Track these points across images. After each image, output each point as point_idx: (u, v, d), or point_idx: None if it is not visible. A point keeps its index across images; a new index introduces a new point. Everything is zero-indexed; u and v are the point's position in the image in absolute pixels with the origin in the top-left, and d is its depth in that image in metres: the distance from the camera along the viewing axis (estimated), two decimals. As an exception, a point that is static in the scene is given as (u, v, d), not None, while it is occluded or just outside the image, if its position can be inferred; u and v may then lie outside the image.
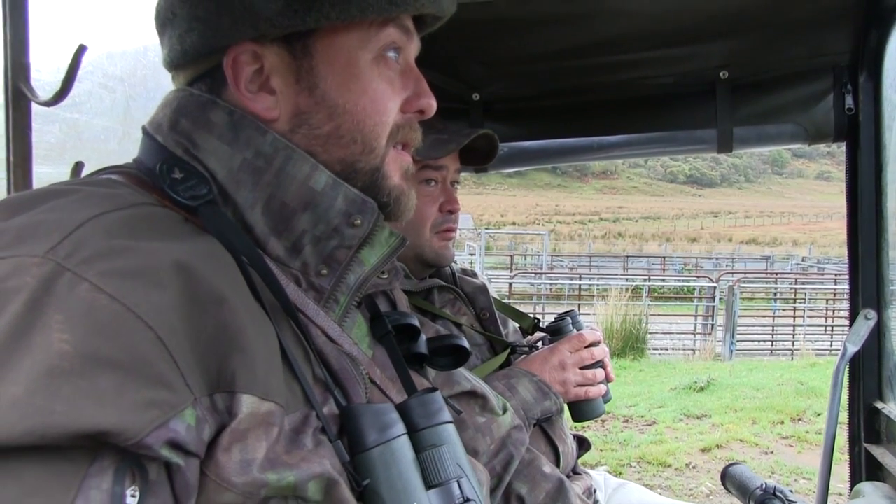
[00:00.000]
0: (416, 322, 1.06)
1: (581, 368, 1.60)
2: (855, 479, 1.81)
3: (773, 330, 14.11)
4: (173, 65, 0.89)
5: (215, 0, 0.83)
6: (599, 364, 1.65)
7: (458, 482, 0.84)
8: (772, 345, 13.51)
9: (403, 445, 0.82)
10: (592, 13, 1.70)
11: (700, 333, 12.90)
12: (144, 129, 0.88)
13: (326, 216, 0.85)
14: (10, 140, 1.24)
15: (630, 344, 10.29)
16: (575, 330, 1.68)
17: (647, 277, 17.92)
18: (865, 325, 1.73)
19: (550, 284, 16.72)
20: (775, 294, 16.34)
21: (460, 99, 2.07)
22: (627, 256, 29.30)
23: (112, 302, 0.61)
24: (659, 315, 14.18)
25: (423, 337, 1.07)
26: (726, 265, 27.53)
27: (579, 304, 13.66)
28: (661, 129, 1.98)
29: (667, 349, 12.03)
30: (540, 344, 1.72)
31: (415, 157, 1.48)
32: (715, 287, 13.22)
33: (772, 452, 5.88)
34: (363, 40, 0.86)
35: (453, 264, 1.75)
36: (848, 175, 1.80)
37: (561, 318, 1.72)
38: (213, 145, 0.83)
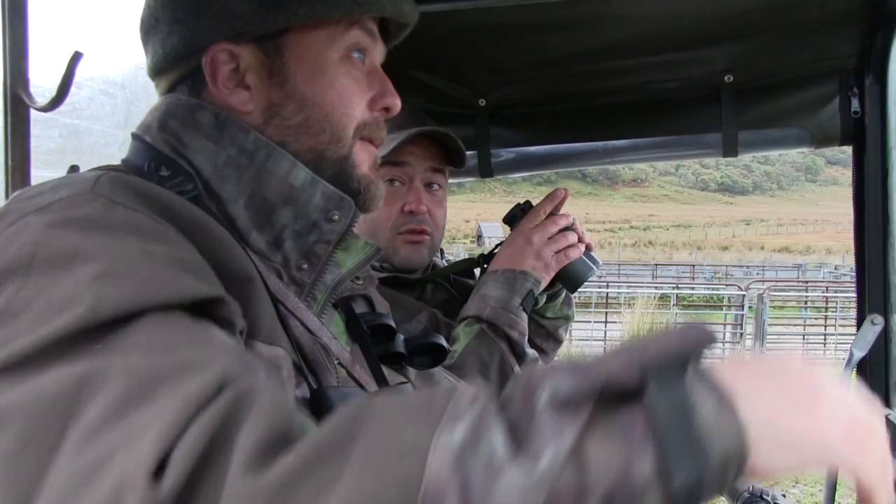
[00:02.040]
0: (391, 322, 1.07)
1: (550, 238, 1.59)
2: (863, 488, 1.78)
3: (803, 338, 13.95)
4: (157, 70, 0.96)
5: (194, 2, 0.90)
6: (569, 229, 1.63)
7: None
8: (802, 353, 13.37)
9: None
10: (596, 18, 1.70)
11: (729, 342, 12.78)
12: (134, 134, 0.94)
13: (305, 211, 0.91)
14: (8, 144, 1.28)
15: (656, 352, 10.21)
16: None
17: (675, 286, 17.79)
18: (872, 330, 1.71)
19: (579, 293, 16.64)
20: (806, 302, 16.14)
21: (467, 105, 2.07)
22: (657, 265, 29.13)
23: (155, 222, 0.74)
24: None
25: (401, 337, 1.08)
26: (757, 273, 27.28)
27: (606, 313, 13.58)
28: (667, 133, 1.97)
29: (694, 358, 11.92)
30: None
31: None
32: (744, 295, 13.10)
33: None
34: (330, 40, 0.93)
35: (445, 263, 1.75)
36: (854, 179, 1.78)
37: (512, 209, 1.70)
38: (199, 143, 0.89)
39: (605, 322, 12.78)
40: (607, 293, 15.51)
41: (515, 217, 1.68)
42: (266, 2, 0.88)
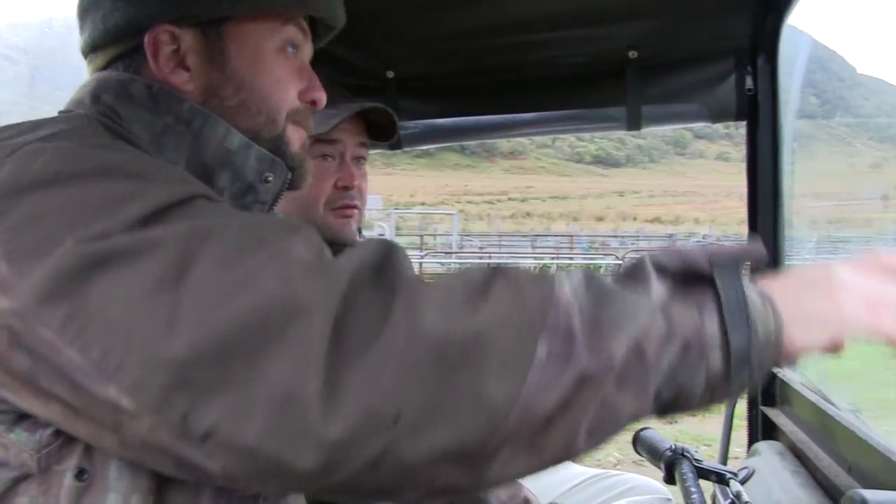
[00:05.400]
0: None
1: None
2: (752, 440, 1.91)
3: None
4: (94, 45, 0.96)
5: None
6: None
7: None
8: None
9: None
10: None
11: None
12: (62, 111, 0.93)
13: (242, 173, 0.95)
14: None
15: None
16: None
17: (555, 255, 18.22)
18: (763, 295, 1.82)
19: (460, 264, 16.84)
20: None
21: (375, 76, 2.08)
22: (536, 236, 29.73)
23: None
24: (567, 292, 14.42)
25: None
26: (631, 243, 28.25)
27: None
28: (573, 107, 2.04)
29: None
30: None
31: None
32: (621, 264, 13.52)
33: (676, 422, 6.11)
34: (269, 32, 0.97)
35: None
36: (748, 154, 1.89)
37: None
38: (135, 114, 0.90)
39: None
40: (489, 264, 15.69)
41: None
42: None
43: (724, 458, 1.91)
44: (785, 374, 1.82)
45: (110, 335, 0.61)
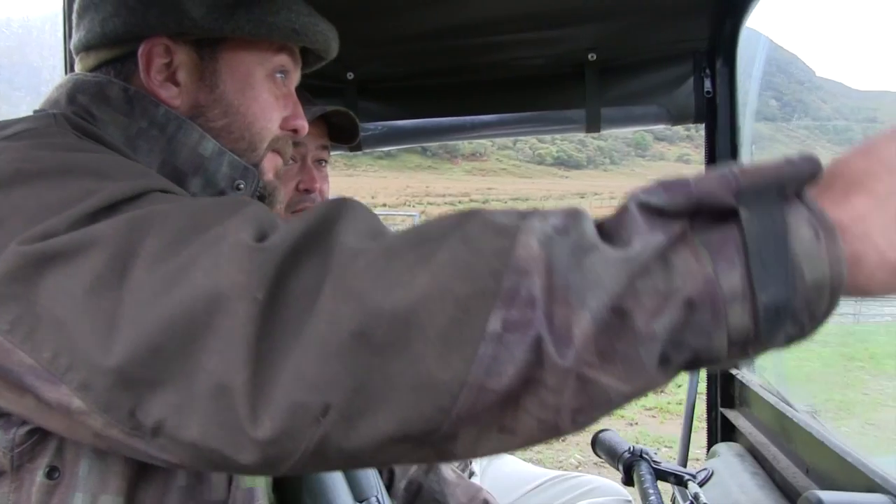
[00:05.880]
0: None
1: None
2: (712, 442, 1.92)
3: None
4: (87, 45, 0.97)
5: None
6: None
7: None
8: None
9: None
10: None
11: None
12: (37, 110, 0.92)
13: (214, 179, 0.95)
14: None
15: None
16: None
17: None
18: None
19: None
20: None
21: (335, 78, 2.06)
22: (498, 237, 29.77)
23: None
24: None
25: None
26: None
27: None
28: (533, 109, 2.03)
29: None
30: None
31: None
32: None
33: (636, 423, 6.16)
34: (261, 59, 1.00)
35: None
36: (707, 155, 1.90)
37: None
38: (110, 116, 0.91)
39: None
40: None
41: None
42: (216, 11, 0.94)
43: (684, 460, 1.92)
44: (744, 375, 1.83)
45: (59, 336, 0.61)
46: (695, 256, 0.54)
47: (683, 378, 0.71)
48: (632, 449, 1.22)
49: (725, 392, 1.90)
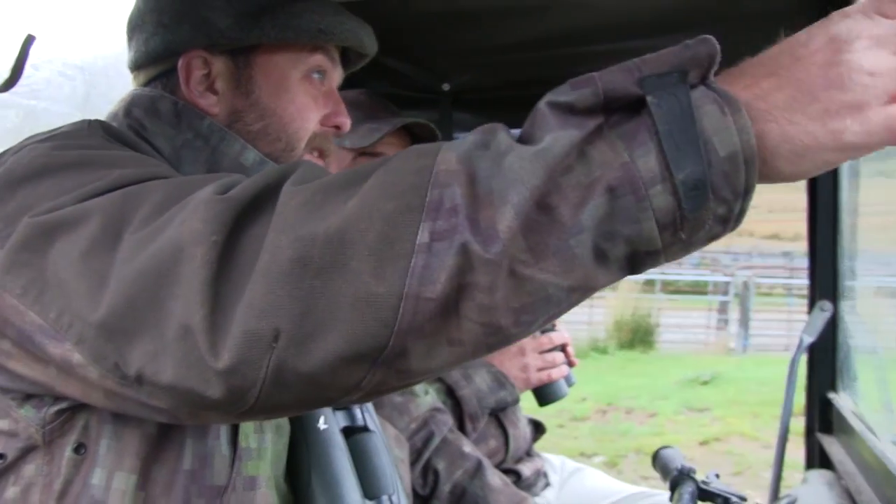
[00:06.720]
0: None
1: (541, 353, 1.65)
2: (809, 468, 1.83)
3: (788, 326, 13.99)
4: (137, 64, 1.05)
5: (179, 11, 1.01)
6: (559, 348, 1.69)
7: (360, 407, 1.03)
8: (787, 340, 13.39)
9: None
10: (557, 4, 1.72)
11: (713, 328, 12.82)
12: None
13: None
14: None
15: (638, 336, 10.28)
16: None
17: (661, 271, 17.82)
18: (821, 316, 1.74)
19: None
20: (791, 290, 16.17)
21: (430, 89, 2.09)
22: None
23: None
24: (672, 309, 14.12)
25: None
26: (744, 260, 27.34)
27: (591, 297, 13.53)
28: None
29: (678, 342, 11.98)
30: None
31: (347, 147, 1.51)
32: (729, 282, 13.15)
33: (771, 447, 5.88)
34: (295, 60, 1.03)
35: None
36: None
37: None
38: (160, 128, 0.98)
39: (591, 306, 12.82)
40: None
41: None
42: (242, 20, 0.99)
43: (776, 487, 1.83)
44: (840, 399, 1.73)
45: (62, 296, 0.69)
46: (611, 147, 0.57)
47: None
48: (682, 467, 1.19)
49: (823, 417, 1.81)
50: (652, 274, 16.41)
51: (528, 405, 1.79)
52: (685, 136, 0.56)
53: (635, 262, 0.60)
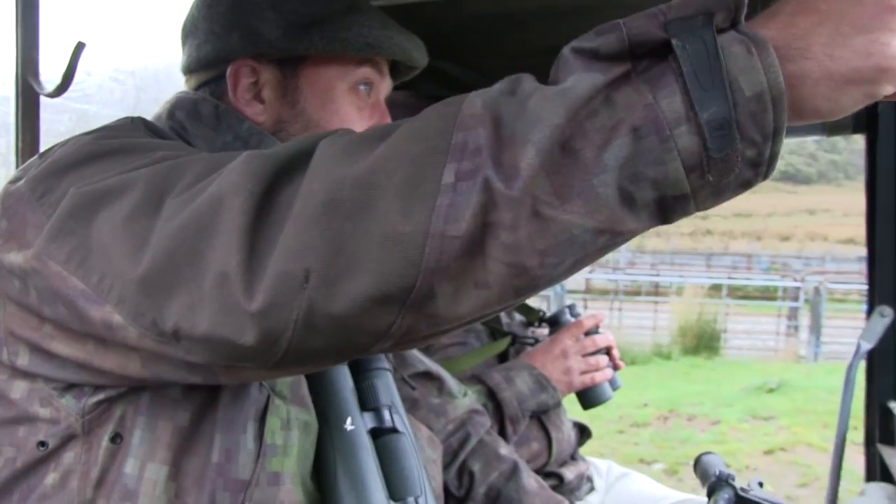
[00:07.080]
0: None
1: (585, 356, 1.63)
2: (870, 480, 1.77)
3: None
4: (189, 69, 1.08)
5: (230, 20, 1.04)
6: (603, 350, 1.67)
7: (388, 409, 1.02)
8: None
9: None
10: (607, 5, 1.70)
11: (782, 334, 12.52)
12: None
13: None
14: (19, 128, 1.38)
15: (703, 342, 10.09)
16: (573, 319, 1.70)
17: (728, 275, 17.50)
18: (881, 322, 1.68)
19: (630, 279, 16.49)
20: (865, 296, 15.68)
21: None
22: (711, 254, 28.69)
23: None
24: (739, 314, 13.83)
25: None
26: (816, 264, 26.65)
27: (656, 301, 13.44)
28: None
29: (745, 349, 11.72)
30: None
31: None
32: (800, 287, 12.83)
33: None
34: (342, 73, 1.06)
35: None
36: (867, 168, 1.76)
37: (560, 309, 1.74)
38: (201, 130, 1.01)
39: (655, 310, 12.66)
40: (657, 282, 15.34)
41: (558, 322, 1.73)
42: (291, 32, 1.02)
43: (833, 500, 1.77)
44: (900, 409, 1.67)
45: (104, 260, 0.72)
46: (636, 91, 0.57)
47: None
48: (720, 473, 1.16)
49: (884, 427, 1.74)
50: (719, 279, 16.12)
51: (575, 409, 1.78)
52: (710, 77, 0.55)
53: (665, 207, 0.59)
